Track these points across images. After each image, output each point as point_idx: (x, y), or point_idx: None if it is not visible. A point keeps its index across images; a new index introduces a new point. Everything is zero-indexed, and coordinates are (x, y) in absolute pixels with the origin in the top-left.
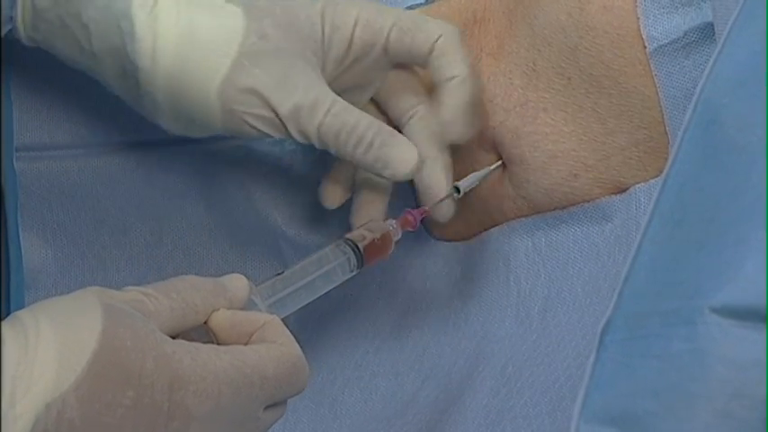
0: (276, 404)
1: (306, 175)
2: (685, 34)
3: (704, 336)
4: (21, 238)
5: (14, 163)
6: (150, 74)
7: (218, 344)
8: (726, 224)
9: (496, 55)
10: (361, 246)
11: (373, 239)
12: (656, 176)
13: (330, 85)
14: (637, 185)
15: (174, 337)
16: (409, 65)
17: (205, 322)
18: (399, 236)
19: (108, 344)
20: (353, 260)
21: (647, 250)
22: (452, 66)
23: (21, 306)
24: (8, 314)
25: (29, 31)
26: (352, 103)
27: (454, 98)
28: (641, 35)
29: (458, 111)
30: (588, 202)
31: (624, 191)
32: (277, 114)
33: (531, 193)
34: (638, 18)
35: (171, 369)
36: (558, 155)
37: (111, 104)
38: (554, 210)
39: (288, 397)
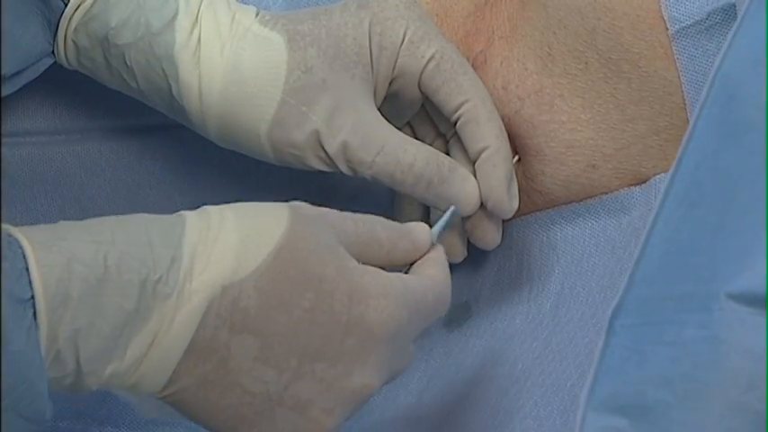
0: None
1: None
2: (708, 15)
3: (720, 323)
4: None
5: None
6: (198, 115)
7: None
8: (745, 206)
9: (509, 39)
10: None
11: None
12: None
13: (383, 105)
14: (657, 176)
15: None
16: None
17: None
18: None
19: (291, 243)
20: None
21: (660, 232)
22: (483, 136)
23: None
24: None
25: (74, 65)
26: (405, 113)
27: (489, 173)
28: (662, 16)
29: (494, 186)
30: (606, 193)
31: (644, 181)
32: (326, 153)
33: (546, 186)
34: None
35: (352, 281)
36: (576, 144)
37: (92, 89)
38: (570, 203)
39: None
